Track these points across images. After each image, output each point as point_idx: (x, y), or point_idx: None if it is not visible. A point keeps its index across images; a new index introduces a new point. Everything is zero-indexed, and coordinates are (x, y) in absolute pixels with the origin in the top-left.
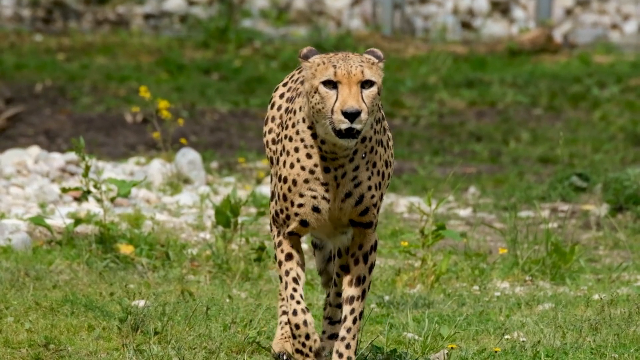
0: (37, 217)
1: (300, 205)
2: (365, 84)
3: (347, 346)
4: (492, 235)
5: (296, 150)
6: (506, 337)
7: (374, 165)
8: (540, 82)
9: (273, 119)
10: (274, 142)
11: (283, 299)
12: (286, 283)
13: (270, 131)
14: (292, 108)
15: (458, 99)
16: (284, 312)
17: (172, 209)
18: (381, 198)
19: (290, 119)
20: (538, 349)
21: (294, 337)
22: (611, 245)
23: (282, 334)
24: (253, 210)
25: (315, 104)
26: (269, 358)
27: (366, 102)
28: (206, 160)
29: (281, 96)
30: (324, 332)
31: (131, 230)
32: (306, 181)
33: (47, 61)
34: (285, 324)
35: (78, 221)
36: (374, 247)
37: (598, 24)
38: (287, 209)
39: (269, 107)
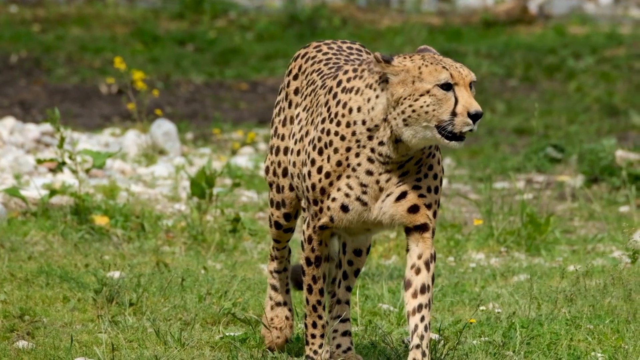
0: (12, 189)
1: (333, 200)
2: (472, 85)
3: (423, 354)
4: (467, 206)
5: (348, 149)
6: (481, 308)
7: (430, 168)
8: (515, 53)
9: (292, 120)
10: (286, 151)
11: (277, 271)
12: (310, 287)
13: (287, 152)
14: (347, 104)
15: None
16: (274, 288)
17: (147, 180)
18: (437, 203)
19: (343, 115)
20: (513, 320)
21: (307, 343)
22: (586, 217)
23: (273, 321)
24: (228, 181)
25: (421, 107)
26: (244, 329)
27: None
28: (181, 132)
29: (296, 92)
30: (336, 331)
31: (106, 201)
32: (348, 177)
33: (22, 32)
34: (277, 304)
35: (53, 192)
36: (433, 257)
37: None
38: (322, 201)
39: (286, 104)
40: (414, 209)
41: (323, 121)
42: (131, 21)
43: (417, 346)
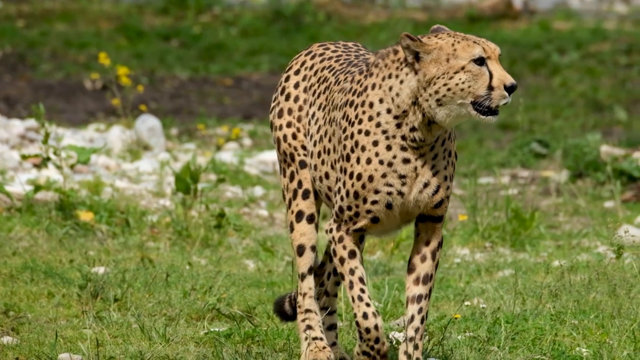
0: None
1: (374, 203)
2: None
3: (416, 347)
4: (452, 201)
5: (375, 144)
6: (466, 303)
7: (450, 154)
8: (500, 48)
9: (290, 111)
10: (294, 137)
11: (309, 311)
12: (351, 282)
13: (289, 124)
14: (365, 101)
15: None
16: (309, 327)
17: (132, 176)
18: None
19: (364, 112)
20: (498, 316)
21: (362, 339)
22: (571, 212)
23: (312, 350)
24: (213, 177)
25: (457, 84)
26: (229, 325)
27: None
28: (166, 127)
29: (296, 86)
30: (322, 324)
31: (91, 197)
32: (384, 175)
33: (7, 28)
34: (313, 339)
35: (38, 188)
36: (441, 244)
37: None
38: (357, 206)
39: (282, 98)
40: (439, 204)
41: (344, 130)
42: (115, 17)
43: (411, 339)
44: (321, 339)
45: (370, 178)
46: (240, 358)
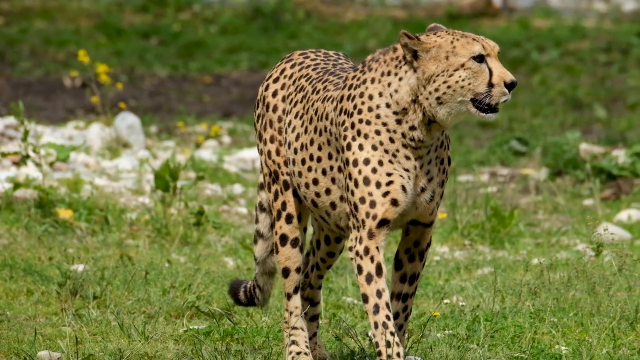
0: None
1: (389, 183)
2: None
3: (400, 342)
4: None
5: (377, 133)
6: (445, 301)
7: (442, 162)
8: None
9: (271, 123)
10: (277, 152)
11: (294, 328)
12: (377, 306)
13: (272, 139)
14: (364, 93)
15: None
16: (294, 343)
17: (111, 174)
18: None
19: (363, 103)
20: (477, 313)
21: None
22: (550, 210)
23: None
24: (192, 174)
25: (457, 82)
26: (208, 322)
27: None
28: (145, 125)
29: (274, 94)
30: (305, 314)
31: (70, 194)
32: (390, 162)
33: None
34: (297, 354)
35: (17, 185)
36: (429, 244)
37: None
38: (370, 194)
39: (264, 108)
40: (432, 210)
41: (343, 123)
42: (95, 14)
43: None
44: (306, 354)
45: (380, 162)
46: (219, 355)
